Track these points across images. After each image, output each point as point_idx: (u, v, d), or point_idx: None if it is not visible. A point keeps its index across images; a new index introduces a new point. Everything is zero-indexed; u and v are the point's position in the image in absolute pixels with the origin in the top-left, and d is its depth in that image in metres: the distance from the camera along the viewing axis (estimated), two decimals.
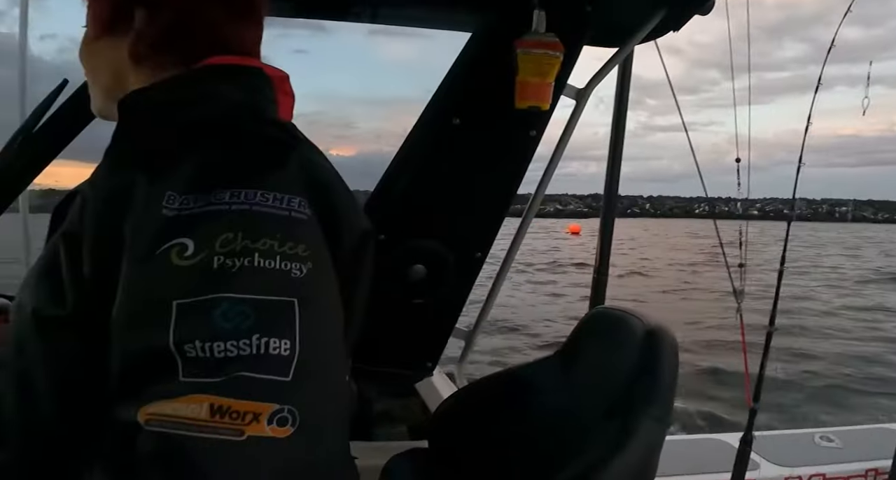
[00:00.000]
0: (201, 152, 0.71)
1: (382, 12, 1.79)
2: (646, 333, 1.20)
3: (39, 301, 0.73)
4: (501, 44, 1.58)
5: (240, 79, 0.86)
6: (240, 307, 0.60)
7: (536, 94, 1.56)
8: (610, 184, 2.24)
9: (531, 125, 1.64)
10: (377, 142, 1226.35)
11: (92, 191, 0.71)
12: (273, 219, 0.66)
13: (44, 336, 0.73)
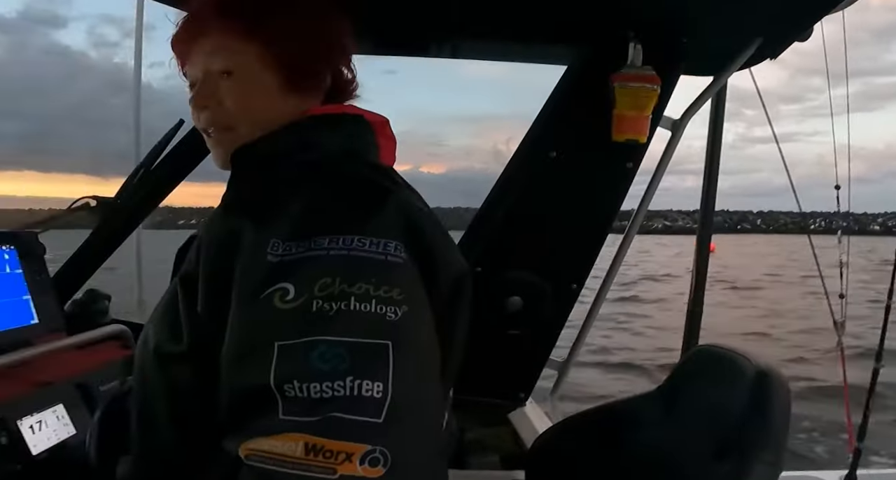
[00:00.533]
0: (303, 199, 0.76)
1: (476, 48, 1.83)
2: (756, 374, 1.17)
3: (160, 338, 0.80)
4: (597, 76, 1.59)
5: (341, 126, 0.92)
6: (336, 349, 0.63)
7: (634, 127, 1.57)
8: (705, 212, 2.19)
9: (628, 157, 1.64)
10: (467, 159, 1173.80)
11: (206, 235, 0.77)
12: (369, 264, 0.69)
13: (163, 371, 0.79)
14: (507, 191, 1.68)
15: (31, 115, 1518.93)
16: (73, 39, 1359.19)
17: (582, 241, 1.69)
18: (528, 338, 1.74)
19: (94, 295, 1.73)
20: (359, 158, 0.90)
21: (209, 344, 0.73)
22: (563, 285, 1.71)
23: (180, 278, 0.78)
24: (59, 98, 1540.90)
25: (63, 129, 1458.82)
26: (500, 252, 1.68)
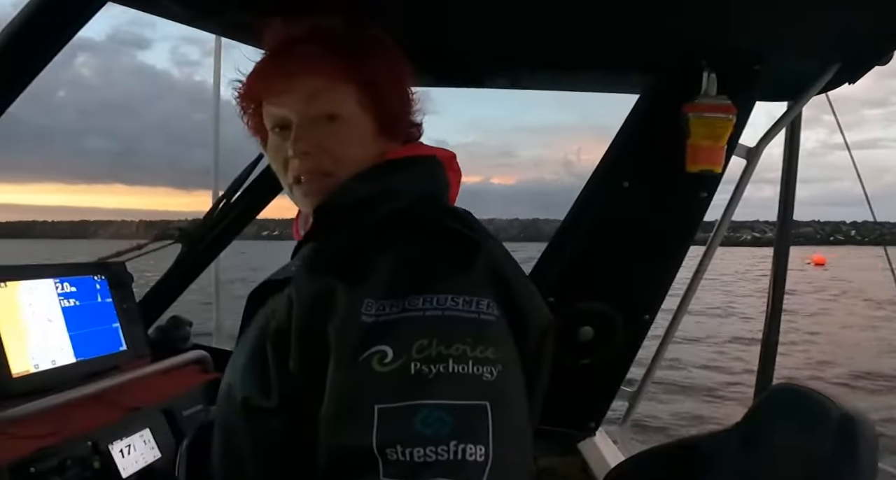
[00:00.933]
0: (392, 254, 0.76)
1: (547, 78, 1.84)
2: (841, 418, 1.13)
3: (249, 390, 0.81)
4: (669, 105, 1.58)
5: (418, 169, 0.93)
6: (438, 413, 0.63)
7: (709, 158, 1.55)
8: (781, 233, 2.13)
9: (702, 187, 1.62)
10: (536, 169, 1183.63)
11: (297, 293, 0.78)
12: (464, 323, 0.70)
13: (252, 423, 0.81)
14: (579, 221, 1.68)
15: (119, 132, 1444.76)
16: (158, 59, 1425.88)
17: (655, 272, 1.67)
18: (600, 368, 1.73)
19: (177, 322, 1.80)
20: (439, 204, 0.91)
21: (300, 401, 0.75)
22: (635, 316, 1.69)
23: (270, 334, 0.79)
24: (145, 115, 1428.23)
25: (148, 145, 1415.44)
26: (573, 282, 1.67)
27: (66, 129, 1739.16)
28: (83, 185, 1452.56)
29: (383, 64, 0.91)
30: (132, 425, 1.41)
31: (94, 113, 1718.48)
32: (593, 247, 1.68)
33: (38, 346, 1.37)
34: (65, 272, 1.49)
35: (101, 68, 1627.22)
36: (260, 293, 0.95)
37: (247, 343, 0.86)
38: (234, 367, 0.87)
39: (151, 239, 1.76)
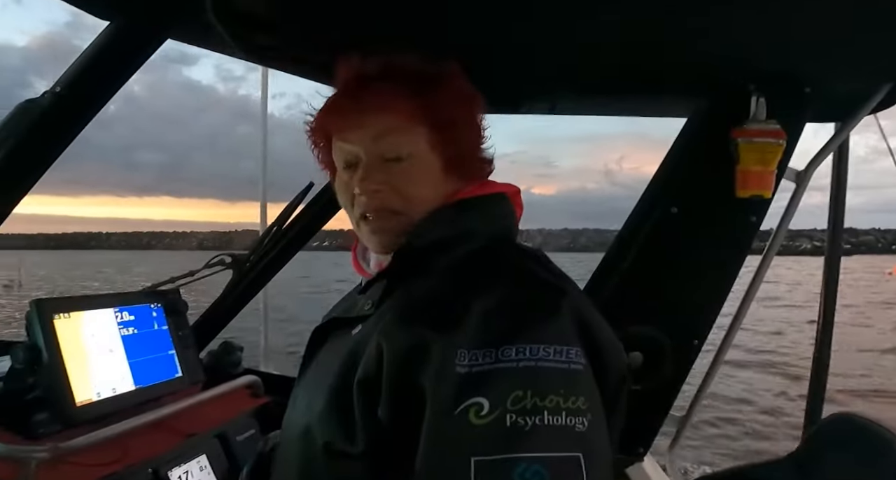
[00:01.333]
0: (481, 303, 0.76)
1: (588, 104, 1.84)
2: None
3: (331, 435, 0.82)
4: (718, 129, 1.57)
5: (490, 209, 0.94)
6: (535, 466, 0.64)
7: (759, 183, 1.53)
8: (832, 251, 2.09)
9: (752, 211, 1.60)
10: (578, 179, 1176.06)
11: (389, 344, 0.78)
12: (556, 374, 0.71)
13: (334, 467, 0.82)
14: (628, 246, 1.68)
15: (168, 145, 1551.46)
16: (204, 75, 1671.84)
17: (704, 297, 1.65)
18: (649, 394, 1.71)
19: (228, 347, 1.83)
20: (511, 243, 0.92)
21: (387, 448, 0.76)
22: (684, 341, 1.68)
23: (358, 382, 0.80)
24: (192, 129, 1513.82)
25: (195, 158, 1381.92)
26: (622, 307, 1.66)
27: (117, 144, 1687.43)
28: (134, 198, 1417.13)
29: (456, 104, 0.93)
30: (189, 451, 1.44)
31: (143, 127, 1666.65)
32: (642, 272, 1.67)
33: (100, 375, 1.40)
34: (123, 301, 1.54)
35: (150, 84, 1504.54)
36: (324, 329, 0.98)
37: (323, 384, 0.86)
38: (309, 409, 0.87)
39: (204, 265, 1.80)
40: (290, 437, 0.91)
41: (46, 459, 1.15)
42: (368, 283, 0.96)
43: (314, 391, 0.88)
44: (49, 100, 1.34)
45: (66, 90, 1.34)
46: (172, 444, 1.43)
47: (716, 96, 1.61)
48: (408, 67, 0.92)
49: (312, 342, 1.00)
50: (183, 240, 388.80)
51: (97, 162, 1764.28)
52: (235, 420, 1.63)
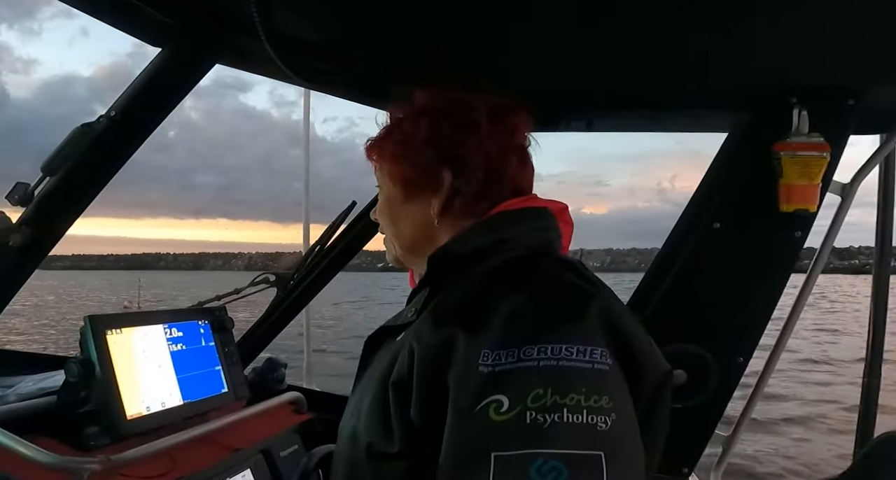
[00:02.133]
0: (508, 305, 0.78)
1: (626, 120, 1.85)
2: None
3: (372, 436, 0.84)
4: (759, 143, 1.56)
5: (530, 221, 0.96)
6: (553, 462, 0.65)
7: (803, 197, 1.52)
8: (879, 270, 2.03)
9: (796, 226, 1.58)
10: (630, 197, 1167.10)
11: (419, 344, 0.81)
12: (578, 373, 0.71)
13: (376, 467, 0.84)
14: (670, 263, 1.66)
15: (224, 169, 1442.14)
16: (258, 100, 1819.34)
17: (749, 314, 1.63)
18: (693, 412, 1.69)
19: (272, 364, 1.86)
20: (551, 253, 0.94)
21: (421, 447, 0.77)
22: (729, 359, 1.65)
23: (392, 383, 0.82)
24: (247, 152, 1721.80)
25: (250, 180, 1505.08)
26: (665, 324, 1.65)
27: (176, 168, 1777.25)
28: (191, 220, 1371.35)
29: (401, 129, 1.02)
30: (235, 466, 1.46)
31: (201, 151, 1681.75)
32: (685, 289, 1.65)
33: (150, 389, 1.44)
34: (172, 317, 1.58)
35: (207, 110, 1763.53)
36: (376, 338, 1.01)
37: (368, 388, 0.90)
38: (357, 412, 0.90)
39: (249, 283, 1.84)
40: (340, 443, 0.94)
41: (98, 471, 1.18)
42: (413, 292, 1.00)
43: (361, 397, 0.91)
44: (104, 123, 1.40)
45: (121, 114, 1.40)
46: (219, 458, 1.46)
47: (757, 110, 1.60)
48: (439, 107, 1.01)
49: (366, 351, 1.03)
50: (238, 259, 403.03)
51: (157, 185, 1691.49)
52: (279, 435, 1.65)
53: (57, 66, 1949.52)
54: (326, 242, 1.84)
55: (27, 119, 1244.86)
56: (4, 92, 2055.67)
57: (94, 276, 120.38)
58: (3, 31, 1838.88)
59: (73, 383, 1.35)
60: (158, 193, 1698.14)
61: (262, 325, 1.95)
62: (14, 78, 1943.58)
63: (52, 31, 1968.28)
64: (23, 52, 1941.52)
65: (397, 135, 1.02)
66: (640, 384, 0.78)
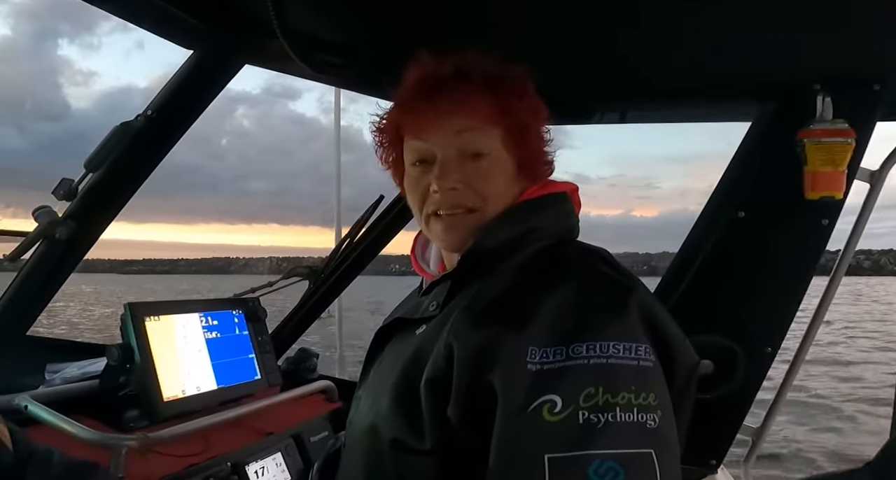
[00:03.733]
0: (550, 301, 0.77)
1: (657, 112, 1.85)
2: None
3: (399, 432, 0.83)
4: (784, 132, 1.55)
5: (554, 208, 0.95)
6: (609, 463, 0.65)
7: (829, 184, 1.50)
8: None
9: (823, 214, 1.56)
10: (681, 200, 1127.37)
11: (459, 343, 0.79)
12: (627, 371, 0.71)
13: (402, 462, 0.83)
14: (695, 253, 1.66)
15: (274, 175, 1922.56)
16: (307, 107, 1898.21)
17: (776, 304, 1.61)
18: (720, 403, 1.67)
19: (305, 354, 1.92)
20: (577, 243, 0.93)
21: (455, 445, 0.78)
22: (756, 349, 1.64)
23: (427, 380, 0.81)
24: (297, 158, 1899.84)
25: (300, 186, 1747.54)
26: (691, 314, 1.64)
27: (228, 174, 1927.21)
28: (243, 225, 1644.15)
29: (528, 107, 0.94)
30: (266, 449, 1.52)
31: (252, 158, 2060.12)
32: (710, 279, 1.65)
33: (186, 374, 1.51)
34: (208, 307, 1.65)
35: (257, 118, 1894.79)
36: (388, 330, 1.00)
37: (387, 383, 0.88)
38: (375, 406, 0.88)
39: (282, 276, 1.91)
40: (355, 436, 0.93)
41: (135, 447, 1.25)
42: (432, 284, 0.98)
43: (379, 390, 0.90)
44: (142, 122, 1.49)
45: (157, 113, 1.48)
46: (251, 441, 1.52)
47: (781, 98, 1.59)
48: (484, 70, 0.94)
49: (375, 343, 1.02)
50: (306, 262, 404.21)
51: (210, 191, 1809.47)
52: (310, 422, 1.71)
53: (114, 78, 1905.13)
54: (356, 236, 1.89)
55: (87, 128, 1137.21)
56: (66, 103, 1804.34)
57: (179, 280, 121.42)
58: (65, 45, 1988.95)
59: (113, 367, 1.42)
60: (212, 199, 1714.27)
61: (294, 316, 2.01)
62: (75, 90, 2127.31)
63: (110, 45, 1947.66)
64: (83, 65, 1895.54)
65: (526, 105, 0.94)
66: (673, 377, 0.78)
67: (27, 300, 1.63)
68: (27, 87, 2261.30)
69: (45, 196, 1.51)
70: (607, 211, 42.47)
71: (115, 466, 1.21)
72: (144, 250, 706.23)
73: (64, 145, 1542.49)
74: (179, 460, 1.34)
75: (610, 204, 46.31)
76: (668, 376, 0.77)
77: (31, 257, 1.55)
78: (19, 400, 1.30)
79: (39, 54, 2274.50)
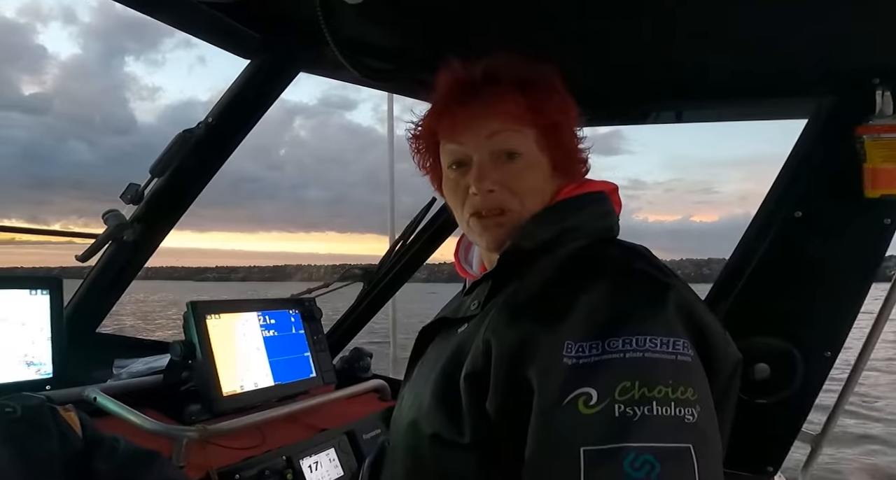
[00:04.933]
0: (587, 297, 0.78)
1: (713, 111, 1.83)
2: None
3: (439, 427, 0.85)
4: (841, 129, 1.50)
5: (592, 207, 0.95)
6: (645, 456, 0.65)
7: (890, 182, 1.45)
8: None
9: (885, 213, 1.50)
10: (742, 204, 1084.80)
11: (497, 339, 0.80)
12: (664, 365, 0.71)
13: (443, 457, 0.85)
14: (750, 254, 1.62)
15: (332, 183, 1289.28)
16: (363, 117, 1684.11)
17: (835, 306, 1.56)
18: (777, 408, 1.63)
19: (359, 353, 1.96)
20: (615, 239, 0.94)
21: (493, 439, 0.79)
22: (815, 353, 1.59)
23: (466, 376, 0.83)
24: (354, 167, 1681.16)
25: (357, 194, 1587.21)
26: (746, 316, 1.61)
27: (287, 183, 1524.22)
28: (301, 233, 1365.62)
29: (559, 106, 0.95)
30: (320, 444, 1.57)
31: (309, 167, 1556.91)
32: (767, 280, 1.60)
33: (244, 370, 1.57)
34: (266, 306, 1.71)
35: (315, 128, 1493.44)
36: (431, 329, 1.02)
37: (429, 379, 0.90)
38: (417, 403, 0.91)
39: (338, 277, 1.96)
40: (398, 432, 0.96)
41: (195, 438, 1.32)
42: (474, 284, 0.99)
43: (420, 387, 0.92)
44: (203, 129, 1.56)
45: (216, 120, 1.55)
46: (305, 436, 1.57)
47: (838, 94, 1.55)
48: (513, 72, 0.95)
49: (419, 342, 1.04)
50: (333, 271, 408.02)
51: (270, 201, 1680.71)
52: (363, 420, 1.75)
53: (178, 92, 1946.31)
54: (408, 237, 1.92)
55: (152, 140, 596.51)
56: (132, 117, 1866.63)
57: (272, 287, 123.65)
58: (131, 62, 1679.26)
59: (176, 362, 1.50)
60: (271, 208, 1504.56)
61: (349, 317, 2.06)
62: (141, 104, 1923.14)
63: (173, 61, 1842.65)
64: (148, 80, 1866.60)
65: (556, 103, 0.95)
66: (715, 374, 0.78)
67: (97, 299, 1.73)
68: (96, 103, 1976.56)
69: (113, 207, 1.57)
70: (665, 216, 41.26)
71: (176, 455, 1.28)
72: (209, 258, 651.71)
73: (131, 158, 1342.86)
74: (237, 452, 1.39)
75: (667, 209, 45.17)
76: (710, 373, 0.76)
77: (100, 258, 1.65)
78: (89, 392, 1.38)
79: (107, 71, 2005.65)
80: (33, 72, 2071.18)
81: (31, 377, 1.37)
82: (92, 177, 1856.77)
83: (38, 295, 1.40)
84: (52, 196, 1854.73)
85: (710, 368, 0.76)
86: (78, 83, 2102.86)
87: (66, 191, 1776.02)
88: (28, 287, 1.39)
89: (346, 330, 2.07)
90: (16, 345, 1.36)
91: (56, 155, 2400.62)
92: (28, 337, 1.38)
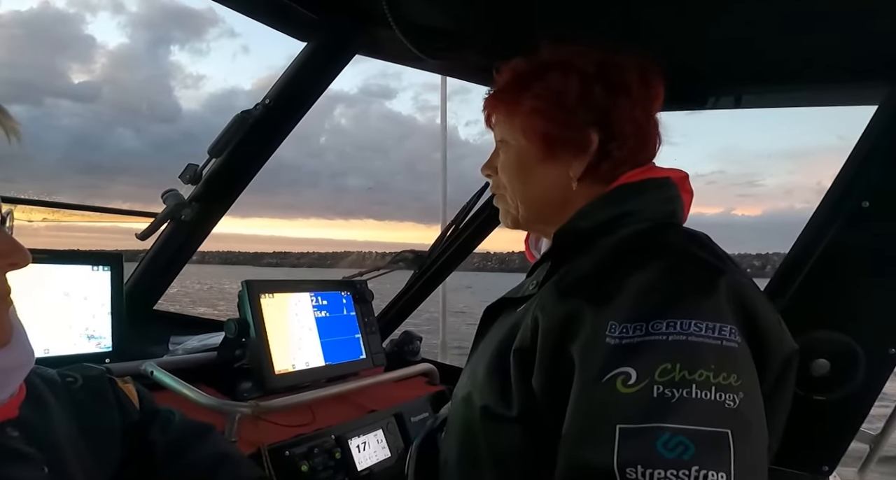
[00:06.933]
0: (636, 278, 0.78)
1: (774, 96, 1.76)
2: None
3: (489, 399, 0.87)
4: None
5: (654, 192, 0.94)
6: (679, 437, 0.65)
7: None
8: None
9: None
10: (787, 198, 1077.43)
11: (544, 315, 0.82)
12: (707, 349, 0.70)
13: (492, 429, 0.87)
14: (814, 245, 1.57)
15: (371, 171, 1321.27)
16: (403, 106, 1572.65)
17: None
18: (836, 406, 1.58)
19: (409, 337, 1.97)
20: (677, 226, 0.92)
21: (540, 414, 0.80)
22: (878, 349, 1.53)
23: (515, 350, 0.85)
24: (393, 155, 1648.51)
25: (396, 182, 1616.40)
26: (806, 310, 1.55)
27: (327, 171, 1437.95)
28: (340, 220, 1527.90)
29: (539, 92, 0.97)
30: (368, 425, 1.58)
31: (349, 155, 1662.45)
32: (830, 273, 1.55)
33: (296, 349, 1.60)
34: (319, 287, 1.73)
35: (355, 116, 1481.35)
36: (495, 309, 1.04)
37: (486, 354, 0.93)
38: (473, 377, 0.93)
39: (389, 261, 1.97)
40: (455, 405, 0.99)
41: (248, 414, 1.34)
42: (535, 266, 1.01)
43: (478, 362, 0.95)
44: (260, 110, 1.58)
45: (274, 101, 1.57)
46: (354, 416, 1.58)
47: None
48: (516, 65, 1.01)
49: (484, 321, 1.06)
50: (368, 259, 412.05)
51: (309, 188, 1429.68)
52: (412, 402, 1.76)
53: (222, 81, 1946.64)
54: (461, 222, 1.92)
55: (196, 127, 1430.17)
56: (177, 105, 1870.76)
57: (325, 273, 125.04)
58: (176, 51, 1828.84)
59: (230, 340, 1.53)
60: (311, 195, 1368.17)
61: (399, 301, 2.07)
62: (185, 92, 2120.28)
63: (217, 50, 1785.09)
64: (192, 69, 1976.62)
65: (539, 89, 0.96)
66: (767, 363, 0.77)
67: (155, 276, 1.77)
68: (143, 92, 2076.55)
69: (157, 193, 1.64)
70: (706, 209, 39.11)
71: (229, 430, 1.30)
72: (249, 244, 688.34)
73: (176, 145, 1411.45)
74: (288, 429, 1.42)
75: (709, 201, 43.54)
76: (761, 362, 0.75)
77: (159, 237, 1.69)
78: (146, 366, 1.41)
79: (154, 60, 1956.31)
80: (83, 61, 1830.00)
81: (91, 350, 1.42)
82: (138, 164, 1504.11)
83: (100, 271, 1.45)
84: (101, 181, 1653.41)
85: (761, 357, 0.75)
86: (125, 72, 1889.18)
87: (114, 176, 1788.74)
88: (91, 263, 1.44)
89: (396, 313, 2.08)
90: (78, 319, 1.41)
91: (105, 142, 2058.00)
92: (89, 312, 1.43)
